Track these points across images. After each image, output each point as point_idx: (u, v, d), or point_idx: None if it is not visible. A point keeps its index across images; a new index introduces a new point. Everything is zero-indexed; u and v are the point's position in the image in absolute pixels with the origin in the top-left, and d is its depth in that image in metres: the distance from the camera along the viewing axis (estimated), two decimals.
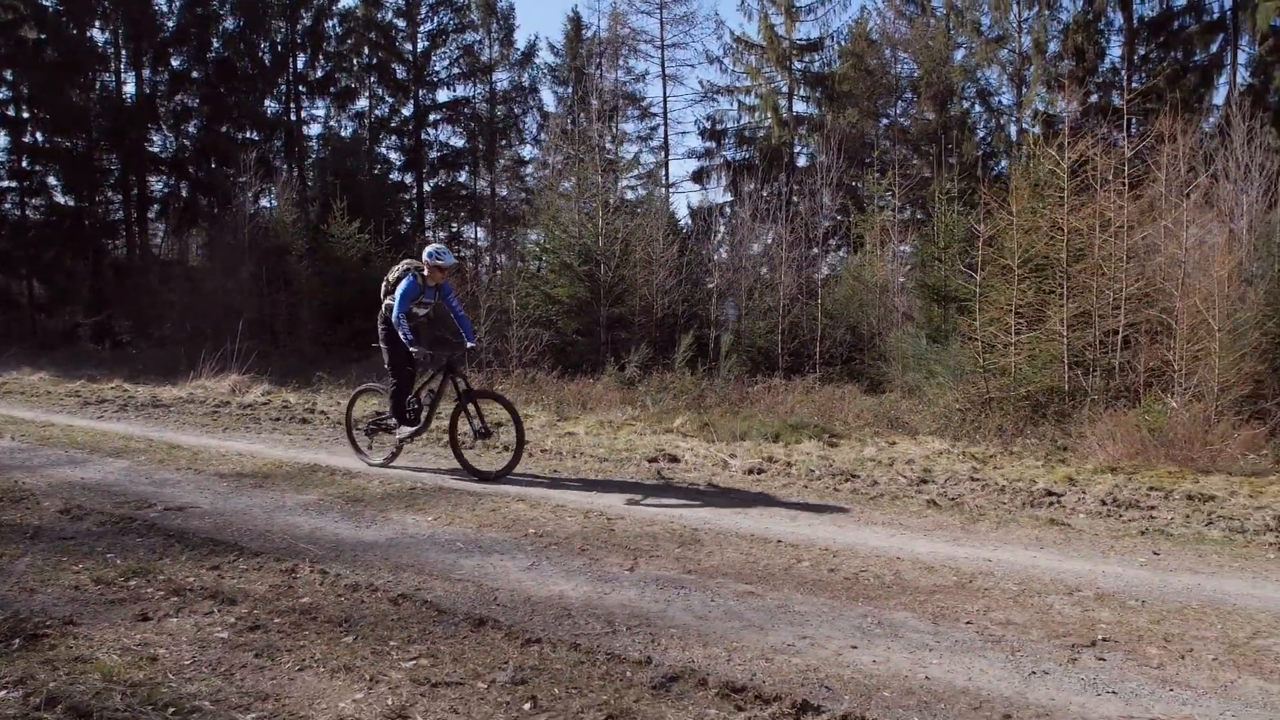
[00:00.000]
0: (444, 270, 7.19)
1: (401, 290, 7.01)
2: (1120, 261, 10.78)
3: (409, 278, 7.08)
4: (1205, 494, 6.98)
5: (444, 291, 7.32)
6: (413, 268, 7.19)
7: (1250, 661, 3.37)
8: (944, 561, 4.69)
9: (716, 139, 30.39)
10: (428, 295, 7.22)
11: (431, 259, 7.13)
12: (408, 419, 7.33)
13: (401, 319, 6.95)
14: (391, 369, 7.33)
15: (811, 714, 2.84)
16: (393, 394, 7.35)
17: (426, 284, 7.15)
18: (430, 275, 7.13)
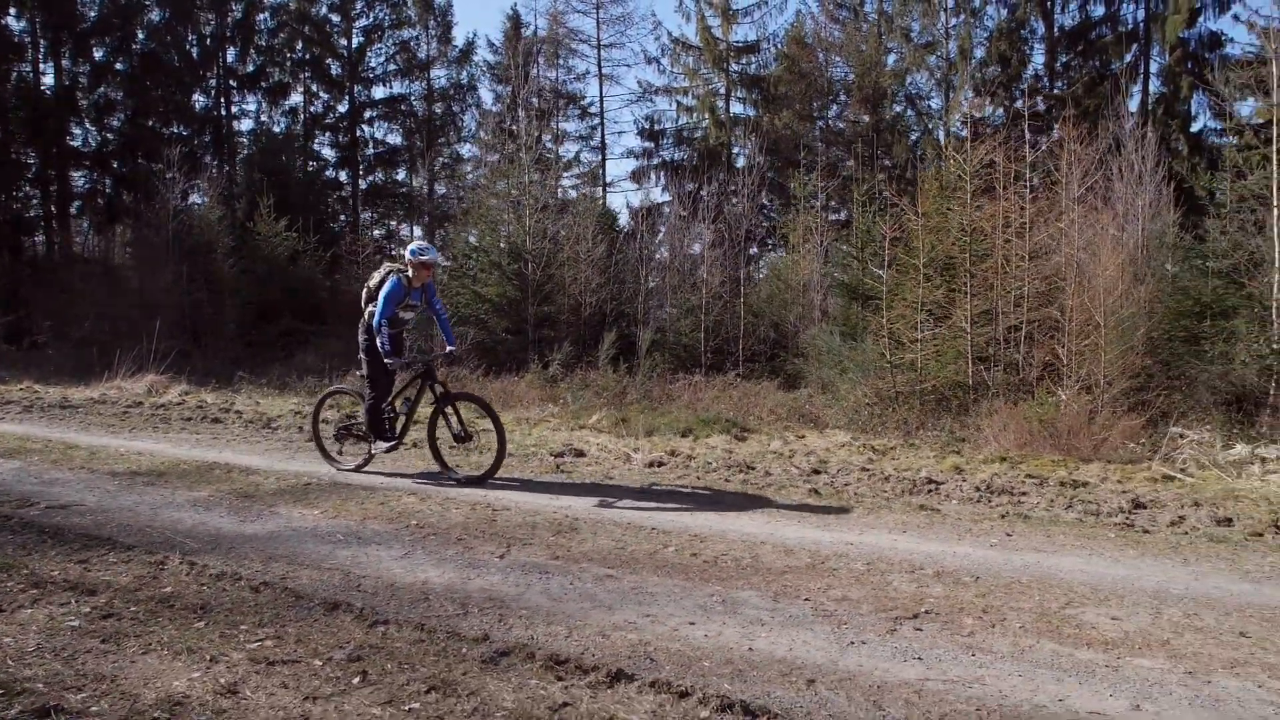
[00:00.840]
0: (429, 268, 6.88)
1: (385, 293, 6.66)
2: (1022, 261, 11.23)
3: (393, 280, 6.73)
4: (1079, 480, 7.37)
5: (429, 292, 7.04)
6: (395, 270, 6.86)
7: (1053, 628, 3.64)
8: (806, 545, 4.92)
9: (654, 139, 30.63)
10: (413, 297, 6.90)
11: (415, 256, 6.81)
12: (385, 433, 7.01)
13: (384, 325, 6.61)
14: (370, 381, 6.96)
15: (625, 681, 3.01)
16: (369, 407, 6.96)
17: (411, 285, 6.81)
18: (415, 275, 6.80)
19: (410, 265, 6.81)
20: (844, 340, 12.38)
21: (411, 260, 6.82)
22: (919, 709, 2.88)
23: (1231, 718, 2.86)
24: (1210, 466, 7.96)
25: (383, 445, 6.98)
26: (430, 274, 6.95)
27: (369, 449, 7.15)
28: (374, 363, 6.84)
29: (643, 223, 18.39)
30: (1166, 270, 13.15)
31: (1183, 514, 6.01)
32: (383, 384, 6.95)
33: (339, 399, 8.12)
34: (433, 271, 7.01)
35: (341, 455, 7.40)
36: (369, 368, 6.92)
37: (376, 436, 6.99)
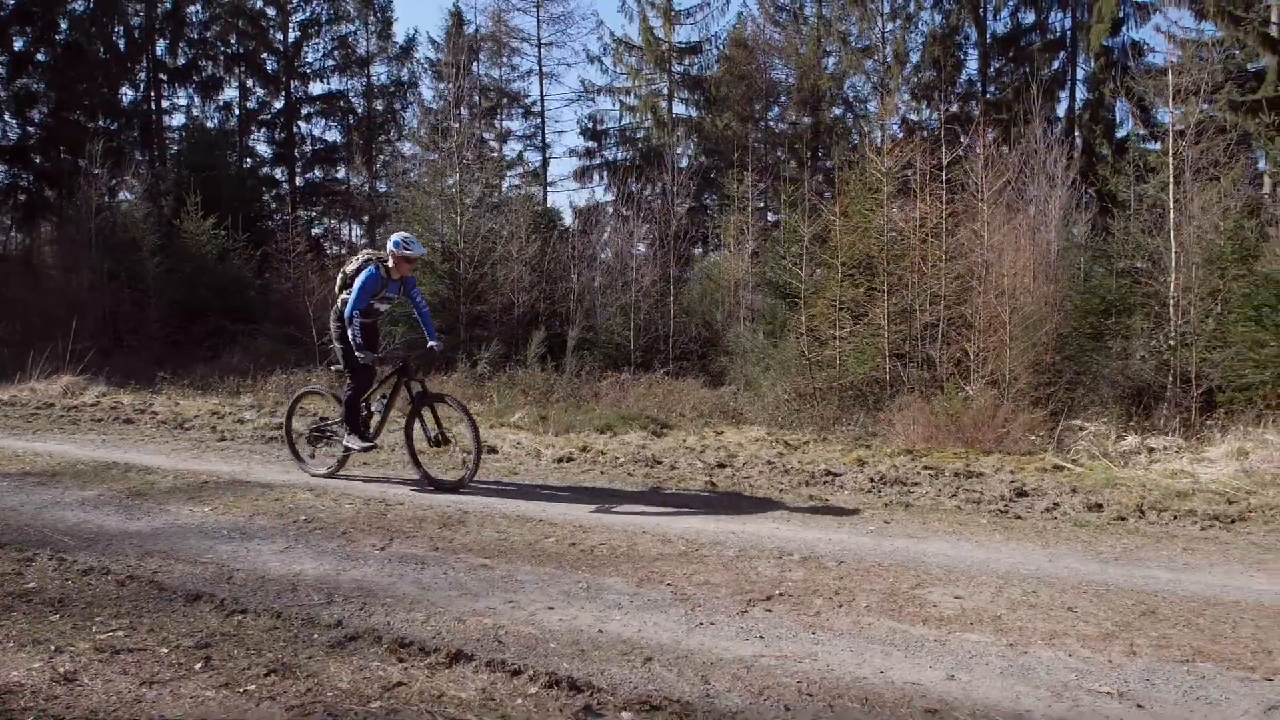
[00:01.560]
0: (412, 262, 6.51)
1: (361, 282, 6.29)
2: (939, 261, 11.55)
3: (370, 269, 6.36)
4: (974, 471, 7.63)
5: (408, 285, 6.66)
6: (375, 258, 6.51)
7: (896, 607, 3.81)
8: (685, 534, 5.05)
9: (597, 139, 30.70)
10: (390, 290, 6.54)
11: (399, 249, 6.42)
12: (362, 430, 6.63)
13: (355, 315, 6.23)
14: (349, 369, 6.56)
15: (463, 662, 3.09)
16: (348, 400, 6.56)
17: (390, 277, 6.47)
18: (396, 267, 6.44)
19: (392, 257, 6.44)
20: (768, 338, 12.60)
21: (394, 252, 6.44)
22: (743, 682, 3.01)
23: (1034, 682, 3.04)
24: (1100, 457, 8.29)
25: (358, 443, 6.54)
26: (412, 268, 6.59)
27: (343, 449, 6.69)
28: (350, 351, 6.44)
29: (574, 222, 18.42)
30: (1078, 270, 13.63)
31: (1059, 501, 6.29)
32: (361, 374, 6.56)
33: (312, 400, 7.75)
34: (415, 266, 6.66)
35: (314, 459, 6.99)
36: (345, 358, 6.54)
37: (352, 431, 6.55)
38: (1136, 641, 3.41)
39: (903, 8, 27.66)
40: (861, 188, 12.55)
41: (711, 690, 2.94)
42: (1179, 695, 2.95)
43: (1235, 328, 9.58)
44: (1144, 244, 11.70)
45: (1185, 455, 8.35)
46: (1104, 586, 4.11)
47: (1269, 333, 9.07)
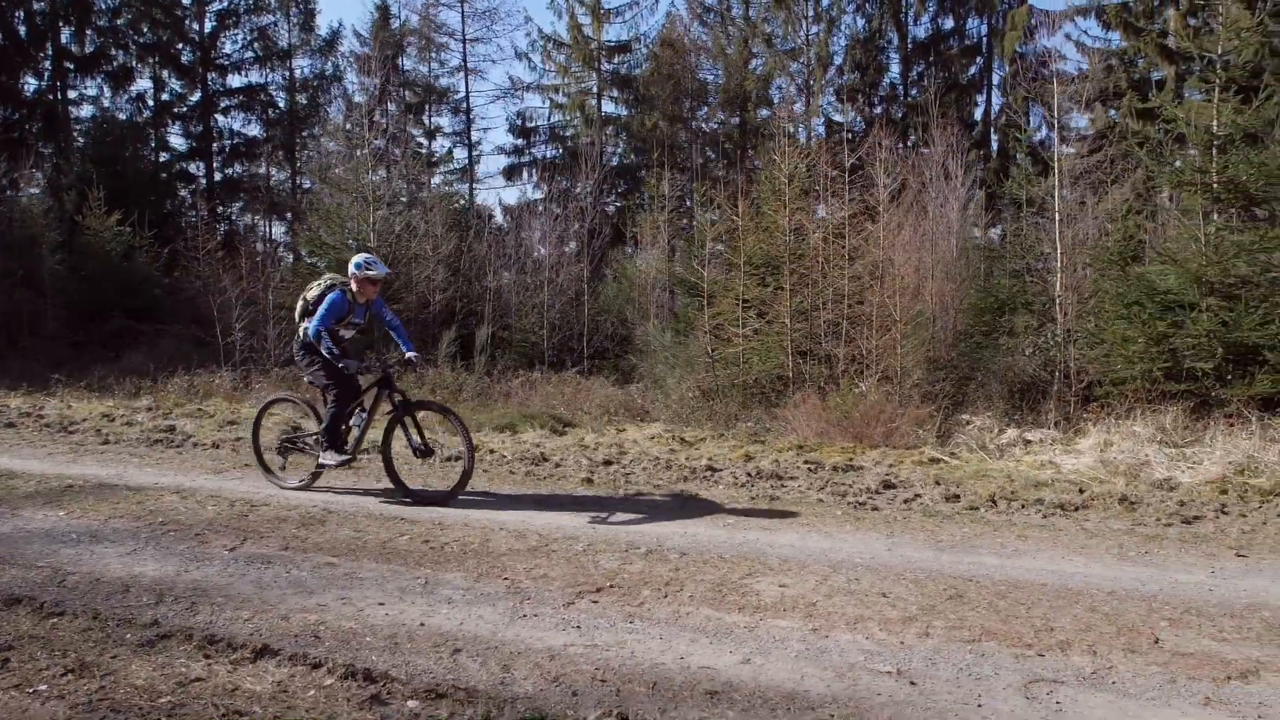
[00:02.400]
0: (376, 284, 6.20)
1: (325, 309, 6.00)
2: (841, 260, 11.86)
3: (336, 294, 6.06)
4: (854, 465, 7.87)
5: (375, 306, 6.39)
6: (338, 283, 6.21)
7: (719, 597, 3.95)
8: (543, 530, 5.15)
9: (526, 136, 30.61)
10: (357, 315, 6.25)
11: (361, 270, 6.11)
12: (342, 445, 6.28)
13: (323, 334, 5.94)
14: (332, 387, 6.19)
15: (268, 657, 3.14)
16: (333, 414, 6.20)
17: (356, 301, 6.17)
18: (360, 291, 6.16)
19: (354, 280, 6.14)
20: (676, 337, 12.77)
21: (356, 275, 6.12)
22: (542, 670, 3.11)
23: (822, 664, 3.20)
24: (978, 450, 8.63)
25: (334, 458, 6.18)
26: (377, 290, 6.28)
27: (316, 462, 6.34)
28: (328, 368, 6.11)
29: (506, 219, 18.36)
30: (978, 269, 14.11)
31: (921, 493, 6.54)
32: (345, 386, 6.22)
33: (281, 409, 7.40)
34: (376, 289, 6.29)
35: (284, 471, 6.58)
36: (326, 374, 6.14)
37: (330, 446, 6.20)
38: (934, 624, 3.61)
39: (826, 11, 28.16)
40: (769, 188, 12.81)
41: (508, 679, 3.03)
42: (953, 672, 3.14)
43: (1110, 325, 10.03)
44: (1033, 245, 12.17)
45: (1057, 447, 8.74)
46: (927, 573, 4.32)
47: (1137, 329, 9.53)
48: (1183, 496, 6.51)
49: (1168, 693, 2.99)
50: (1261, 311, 9.04)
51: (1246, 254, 9.37)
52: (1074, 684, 3.05)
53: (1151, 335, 9.46)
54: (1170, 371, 9.46)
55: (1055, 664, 3.21)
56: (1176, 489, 6.88)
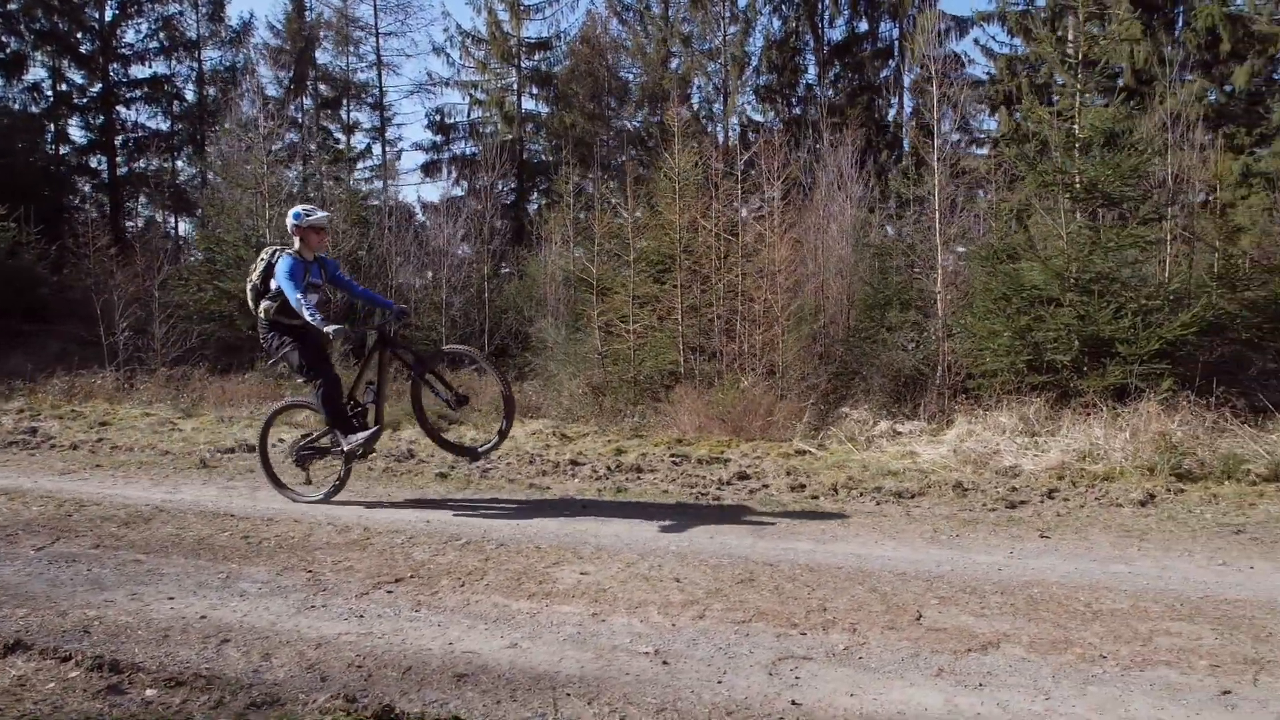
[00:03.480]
0: (321, 232, 5.77)
1: (283, 271, 5.51)
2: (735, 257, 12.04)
3: (285, 259, 5.58)
4: (718, 458, 8.03)
5: (329, 268, 5.95)
6: (278, 249, 5.79)
7: (515, 585, 4.02)
8: (371, 524, 5.15)
9: (445, 132, 30.30)
10: (313, 274, 5.75)
11: (300, 220, 5.69)
12: (353, 423, 5.77)
13: (303, 300, 5.42)
14: (309, 369, 5.72)
15: (20, 651, 3.12)
16: (323, 398, 5.71)
17: (306, 259, 5.71)
18: (305, 244, 5.70)
19: (297, 234, 5.71)
20: (573, 333, 12.82)
21: (297, 226, 5.69)
22: (303, 658, 3.14)
23: (587, 647, 3.29)
24: (846, 441, 8.87)
25: (358, 438, 5.66)
26: (323, 241, 5.86)
27: (345, 454, 5.76)
28: (302, 351, 5.67)
29: (395, 217, 18.14)
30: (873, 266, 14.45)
31: (769, 483, 6.72)
32: (324, 366, 5.79)
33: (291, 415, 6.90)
34: (325, 238, 5.89)
35: (309, 484, 6.05)
36: (299, 358, 5.69)
37: (345, 431, 5.70)
38: (713, 607, 3.73)
39: (743, 12, 28.51)
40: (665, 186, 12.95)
41: (263, 667, 3.05)
42: (710, 652, 3.26)
43: (981, 320, 10.39)
44: (915, 244, 12.55)
45: (924, 438, 9.04)
46: (733, 559, 4.45)
47: (1002, 323, 9.90)
48: (1019, 483, 6.82)
49: (906, 666, 3.15)
50: (1114, 306, 9.49)
51: (1103, 251, 9.81)
52: (821, 660, 3.19)
53: (1016, 329, 9.84)
54: (1033, 364, 9.85)
55: (812, 642, 3.36)
56: (1018, 476, 7.19)
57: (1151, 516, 5.80)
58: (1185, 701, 2.88)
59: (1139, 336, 9.19)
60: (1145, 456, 7.49)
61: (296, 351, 5.70)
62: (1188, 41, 22.40)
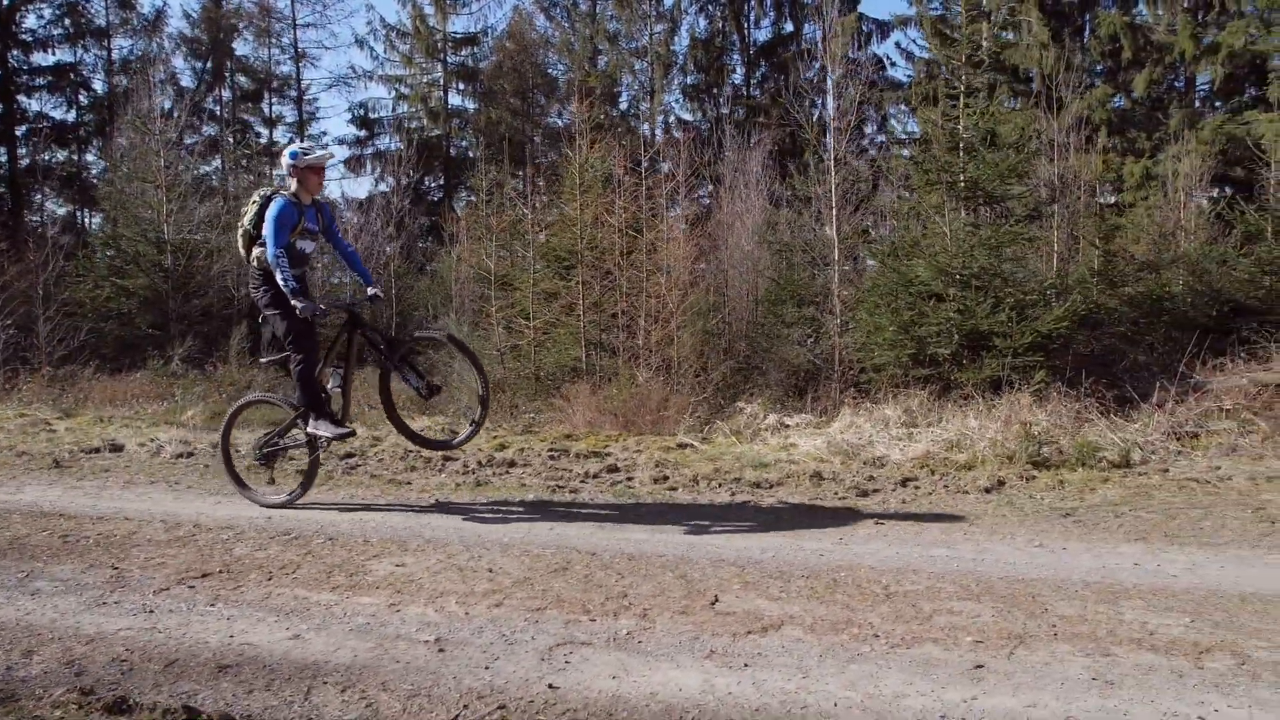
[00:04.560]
0: (320, 172, 5.32)
1: (273, 215, 5.04)
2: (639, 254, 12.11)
3: (279, 201, 5.11)
4: (599, 452, 8.05)
5: (325, 217, 5.47)
6: (274, 190, 5.30)
7: (324, 577, 3.99)
8: (206, 521, 5.07)
9: (369, 127, 29.86)
10: (308, 219, 5.25)
11: (297, 159, 5.21)
12: (328, 410, 5.35)
13: (281, 256, 4.96)
14: (292, 339, 5.20)
15: None
16: (299, 375, 5.23)
17: (303, 202, 5.23)
18: (304, 185, 5.23)
19: (294, 174, 5.21)
20: (475, 329, 12.76)
21: (295, 166, 5.21)
22: (67, 654, 3.09)
23: (371, 636, 3.28)
24: (731, 435, 8.99)
25: (330, 429, 5.27)
26: (321, 181, 5.38)
27: (317, 445, 5.37)
28: (288, 316, 5.16)
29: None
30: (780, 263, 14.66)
31: (634, 476, 6.77)
32: (309, 338, 5.26)
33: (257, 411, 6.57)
34: (324, 178, 5.46)
35: (272, 484, 5.69)
36: (285, 324, 5.17)
37: (318, 415, 5.27)
38: (515, 596, 3.75)
39: (669, 11, 28.66)
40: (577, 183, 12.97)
41: (19, 664, 2.99)
42: (493, 639, 3.28)
43: (871, 315, 10.63)
44: (813, 241, 12.78)
45: (810, 430, 9.20)
46: (556, 549, 4.48)
47: (888, 318, 10.14)
48: (883, 472, 6.99)
49: (681, 649, 3.21)
50: (992, 301, 9.78)
51: (984, 248, 10.11)
52: (600, 646, 3.23)
53: (900, 324, 10.09)
54: (917, 358, 10.11)
55: (599, 628, 3.40)
56: (884, 466, 7.37)
57: (992, 503, 6.01)
58: (935, 676, 2.99)
59: (1014, 330, 9.48)
60: (1009, 446, 7.74)
61: (285, 320, 5.17)
62: (1093, 49, 23.19)
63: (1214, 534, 5.25)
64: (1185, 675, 3.02)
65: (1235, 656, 3.18)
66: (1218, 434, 8.73)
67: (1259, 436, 8.77)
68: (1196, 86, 22.94)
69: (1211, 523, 5.52)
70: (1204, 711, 2.76)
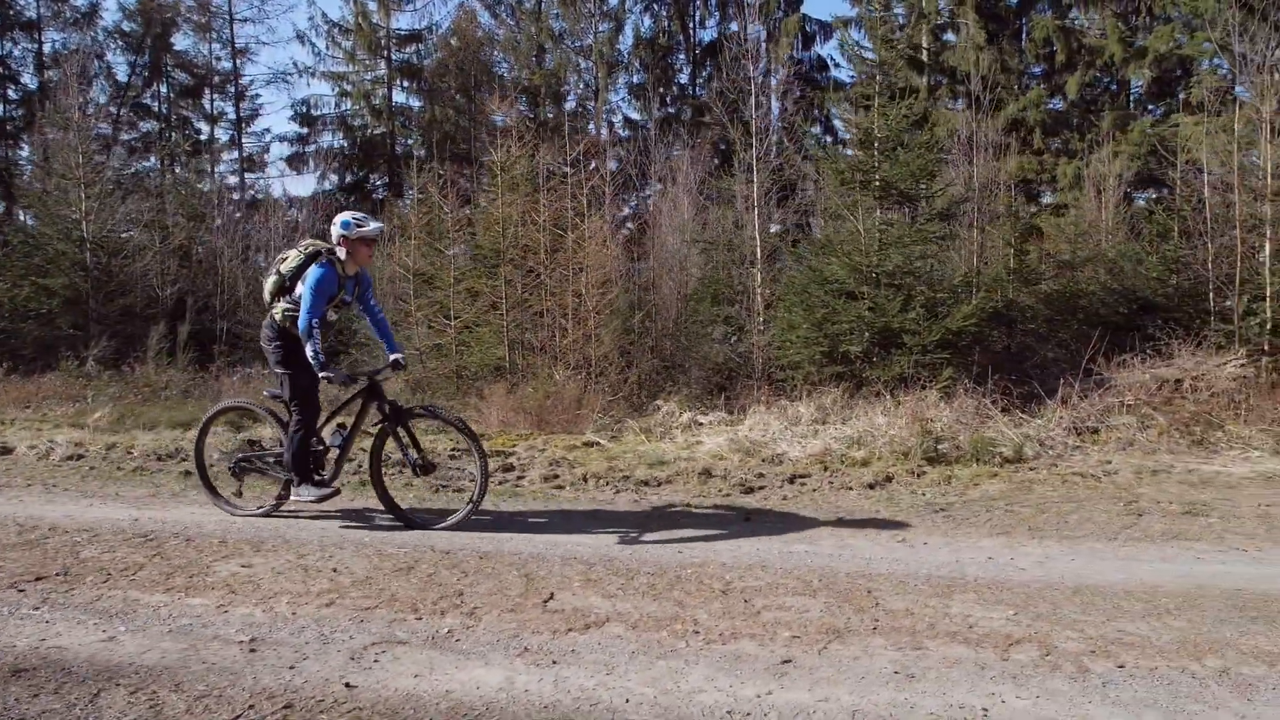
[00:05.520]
0: (371, 245, 5.22)
1: (315, 282, 4.86)
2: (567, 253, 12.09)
3: (321, 267, 4.93)
4: (503, 451, 8.03)
5: (363, 284, 5.32)
6: (322, 250, 5.08)
7: (164, 580, 3.94)
8: (61, 524, 4.98)
9: (311, 124, 29.43)
10: (346, 290, 5.13)
11: (350, 229, 5.01)
12: (312, 475, 5.17)
13: (315, 329, 4.82)
14: (297, 400, 5.10)
15: None
16: (296, 436, 5.09)
17: (345, 273, 5.08)
18: (352, 257, 5.06)
19: (343, 244, 5.03)
20: (396, 330, 12.65)
21: (346, 236, 5.01)
22: None
23: (187, 636, 3.25)
24: (641, 433, 9.02)
25: (311, 493, 5.09)
26: (371, 254, 5.32)
27: (286, 493, 5.28)
28: (299, 378, 5.06)
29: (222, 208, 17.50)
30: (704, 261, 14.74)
31: (526, 475, 6.79)
32: (312, 406, 5.18)
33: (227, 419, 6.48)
34: (373, 250, 5.39)
35: (240, 495, 5.54)
36: (291, 386, 5.09)
37: (301, 479, 5.13)
38: (350, 596, 3.74)
39: (613, 10, 28.68)
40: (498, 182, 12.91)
41: None
42: (309, 639, 3.26)
43: (788, 313, 10.74)
44: (738, 242, 12.88)
45: (722, 428, 9.27)
46: (408, 549, 4.46)
47: (801, 316, 10.24)
48: (780, 469, 7.08)
49: (496, 647, 3.22)
50: (902, 300, 9.93)
51: (896, 246, 10.25)
52: (416, 644, 3.23)
53: (813, 321, 10.20)
54: (830, 355, 10.23)
55: (421, 626, 3.40)
56: (781, 463, 7.46)
57: (872, 498, 6.11)
58: (739, 672, 3.03)
59: (923, 328, 9.63)
60: (907, 443, 7.88)
61: (293, 381, 5.09)
62: (1028, 52, 23.63)
63: (1077, 527, 5.40)
64: (988, 668, 3.09)
65: (1042, 648, 3.26)
66: (1117, 429, 8.98)
67: (1156, 431, 9.03)
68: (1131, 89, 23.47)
69: (1079, 516, 5.68)
70: (991, 703, 2.83)
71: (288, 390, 5.11)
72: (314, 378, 5.04)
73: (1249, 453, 8.18)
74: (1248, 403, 9.30)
